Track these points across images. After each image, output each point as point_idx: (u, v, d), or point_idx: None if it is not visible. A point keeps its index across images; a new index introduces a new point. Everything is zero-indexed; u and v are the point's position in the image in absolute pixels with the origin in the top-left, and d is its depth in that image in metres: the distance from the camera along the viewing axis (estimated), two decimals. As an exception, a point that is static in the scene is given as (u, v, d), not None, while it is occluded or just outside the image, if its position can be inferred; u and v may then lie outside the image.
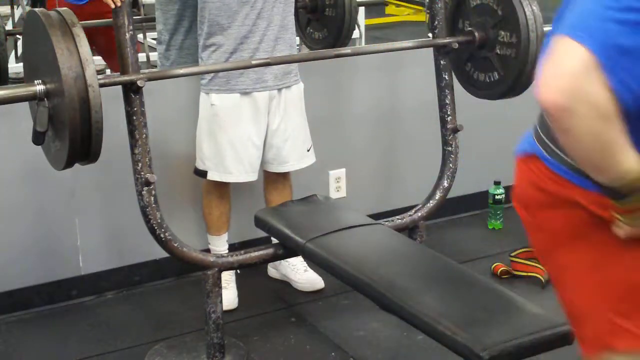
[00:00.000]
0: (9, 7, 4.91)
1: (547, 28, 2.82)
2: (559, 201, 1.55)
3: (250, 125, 3.00)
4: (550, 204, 1.57)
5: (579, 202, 1.52)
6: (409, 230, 2.97)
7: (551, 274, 1.67)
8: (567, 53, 1.32)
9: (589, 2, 1.34)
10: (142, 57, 4.13)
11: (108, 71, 4.41)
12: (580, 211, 1.52)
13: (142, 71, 2.46)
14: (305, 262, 3.28)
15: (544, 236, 1.62)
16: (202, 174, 3.07)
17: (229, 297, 3.08)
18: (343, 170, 3.68)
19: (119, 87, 2.43)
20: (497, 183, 3.79)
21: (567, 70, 1.31)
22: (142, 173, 2.47)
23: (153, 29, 4.08)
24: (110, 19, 2.45)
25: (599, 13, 1.32)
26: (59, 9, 2.25)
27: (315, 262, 2.59)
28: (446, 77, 2.96)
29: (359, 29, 4.40)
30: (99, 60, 4.38)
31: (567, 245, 1.57)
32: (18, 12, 4.93)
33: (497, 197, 3.79)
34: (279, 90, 3.02)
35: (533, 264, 3.25)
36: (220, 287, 2.67)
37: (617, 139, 1.36)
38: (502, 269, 3.32)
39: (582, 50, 1.30)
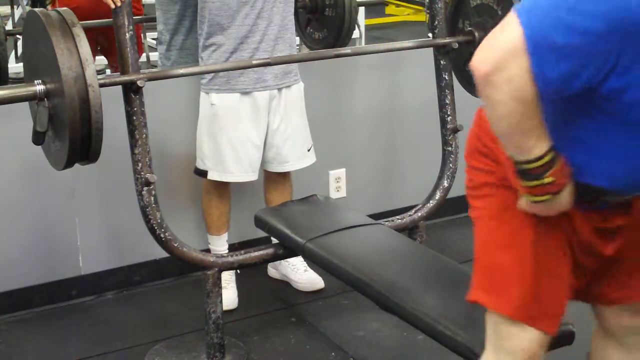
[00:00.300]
0: (9, 7, 4.92)
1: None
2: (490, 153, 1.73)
3: (251, 125, 3.00)
4: (484, 153, 1.76)
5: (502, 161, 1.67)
6: (409, 230, 2.97)
7: (473, 212, 1.82)
8: (507, 29, 1.42)
9: None
10: (142, 57, 4.14)
11: (108, 71, 4.42)
12: (501, 167, 1.69)
13: (142, 71, 2.46)
14: (305, 262, 3.28)
15: (472, 177, 1.83)
16: (203, 173, 3.07)
17: (229, 297, 3.08)
18: (343, 170, 3.68)
19: (119, 87, 2.43)
20: (497, 183, 3.78)
21: (499, 45, 1.43)
22: (142, 173, 2.47)
23: (153, 29, 4.09)
24: (111, 19, 2.45)
25: (550, 4, 1.39)
26: (58, 8, 2.25)
27: (315, 262, 2.59)
28: (446, 77, 2.97)
29: (359, 29, 4.41)
30: (100, 60, 4.39)
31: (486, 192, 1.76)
32: (18, 12, 4.94)
33: (497, 197, 3.79)
34: (279, 89, 3.02)
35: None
36: (220, 287, 2.67)
37: (532, 122, 1.47)
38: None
39: (519, 32, 1.39)
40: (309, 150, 3.17)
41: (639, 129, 1.47)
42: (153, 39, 4.46)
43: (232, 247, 3.20)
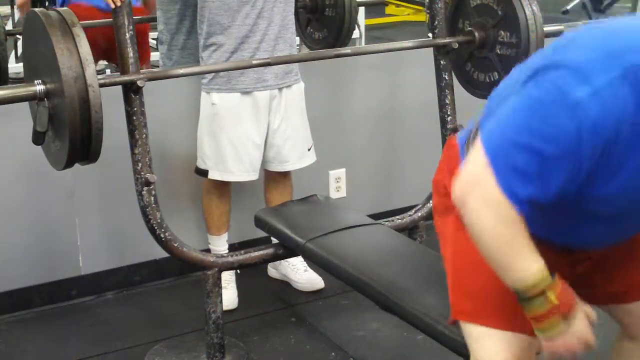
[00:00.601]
0: (9, 7, 4.91)
1: (547, 28, 2.82)
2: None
3: (251, 124, 3.00)
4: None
5: None
6: (409, 230, 2.97)
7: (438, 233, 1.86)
8: (474, 159, 1.50)
9: (507, 116, 1.47)
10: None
11: (108, 71, 4.42)
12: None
13: (142, 71, 2.46)
14: (305, 262, 3.28)
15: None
16: (203, 173, 3.07)
17: (229, 297, 3.08)
18: (343, 170, 3.68)
19: (119, 87, 2.43)
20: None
21: (468, 175, 1.51)
22: (142, 173, 2.47)
23: (153, 29, 4.08)
24: (111, 19, 2.45)
25: (509, 131, 1.45)
26: (58, 8, 2.25)
27: (315, 262, 2.59)
28: (446, 77, 2.96)
29: (359, 29, 4.40)
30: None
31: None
32: (18, 12, 4.93)
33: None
34: (280, 89, 3.02)
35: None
36: (220, 287, 2.67)
37: (516, 243, 1.48)
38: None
39: (484, 160, 1.46)
40: (309, 150, 3.17)
41: (588, 216, 1.56)
42: (153, 39, 4.45)
43: (232, 247, 3.20)
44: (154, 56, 4.13)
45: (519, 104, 1.46)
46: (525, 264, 1.49)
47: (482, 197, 1.47)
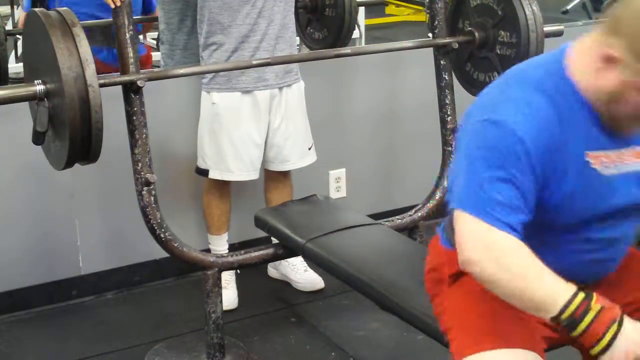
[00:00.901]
0: (9, 7, 4.91)
1: (547, 28, 2.82)
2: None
3: (251, 124, 3.00)
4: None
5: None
6: (409, 230, 2.97)
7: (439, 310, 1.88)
8: (461, 225, 1.58)
9: (466, 174, 1.60)
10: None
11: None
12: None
13: (142, 71, 2.46)
14: (305, 262, 3.28)
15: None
16: (204, 172, 3.07)
17: (229, 297, 3.08)
18: (343, 170, 3.68)
19: (119, 87, 2.43)
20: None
21: (463, 239, 1.57)
22: (142, 173, 2.47)
23: (154, 29, 4.08)
24: (111, 19, 2.45)
25: (475, 180, 1.58)
26: (58, 8, 2.25)
27: (315, 262, 2.59)
28: (446, 77, 2.96)
29: (359, 29, 4.40)
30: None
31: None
32: (18, 12, 4.93)
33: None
34: (280, 88, 3.02)
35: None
36: (220, 287, 2.67)
37: (532, 270, 1.53)
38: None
39: (468, 217, 1.56)
40: (309, 149, 3.17)
41: (556, 233, 1.67)
42: (153, 39, 4.45)
43: (232, 247, 3.20)
44: (155, 56, 4.13)
45: (467, 159, 1.61)
46: (552, 284, 1.52)
47: (482, 245, 1.55)
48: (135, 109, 2.44)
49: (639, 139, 1.69)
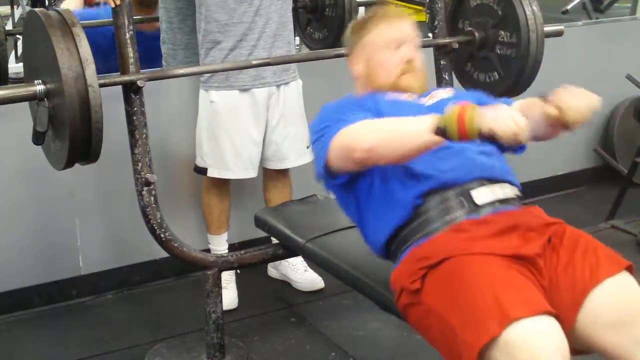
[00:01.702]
0: (9, 7, 4.91)
1: (547, 28, 2.82)
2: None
3: (250, 121, 3.00)
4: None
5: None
6: (409, 230, 2.96)
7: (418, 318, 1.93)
8: (339, 144, 2.01)
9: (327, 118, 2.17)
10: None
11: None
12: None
13: (142, 71, 2.46)
14: (305, 262, 3.28)
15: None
16: (202, 171, 3.07)
17: (229, 297, 3.08)
18: (343, 170, 3.67)
19: (119, 87, 2.43)
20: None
21: (346, 149, 1.98)
22: (142, 173, 2.47)
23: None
24: (111, 19, 2.45)
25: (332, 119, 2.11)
26: (58, 8, 2.25)
27: (315, 262, 2.58)
28: (446, 77, 2.96)
29: (359, 29, 4.39)
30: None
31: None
32: (18, 12, 4.93)
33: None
34: (278, 86, 3.03)
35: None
36: (220, 287, 2.67)
37: (392, 122, 1.94)
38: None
39: (335, 138, 2.04)
40: (308, 148, 3.17)
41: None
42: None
43: (232, 247, 3.20)
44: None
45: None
46: (416, 118, 1.87)
47: (353, 137, 1.96)
48: (135, 109, 2.43)
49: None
